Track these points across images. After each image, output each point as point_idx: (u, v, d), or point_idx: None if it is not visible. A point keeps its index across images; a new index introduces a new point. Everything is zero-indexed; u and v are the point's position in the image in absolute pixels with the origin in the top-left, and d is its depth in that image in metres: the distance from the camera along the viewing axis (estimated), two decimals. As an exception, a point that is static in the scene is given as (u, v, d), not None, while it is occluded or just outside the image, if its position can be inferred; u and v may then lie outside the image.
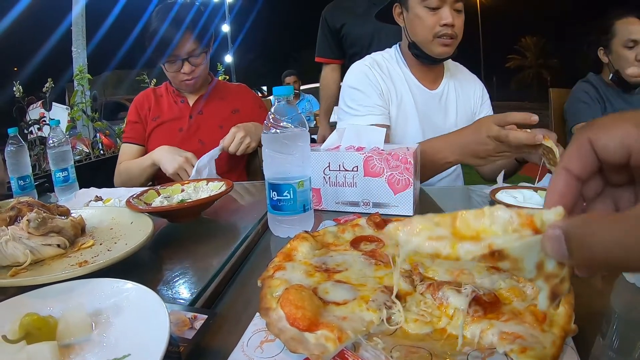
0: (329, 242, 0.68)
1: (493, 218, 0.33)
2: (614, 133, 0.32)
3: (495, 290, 0.50)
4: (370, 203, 0.93)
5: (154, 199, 0.96)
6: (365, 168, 0.92)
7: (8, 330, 0.45)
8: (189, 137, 1.62)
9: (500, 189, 0.91)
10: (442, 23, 1.24)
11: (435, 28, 1.25)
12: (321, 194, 0.97)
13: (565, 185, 0.35)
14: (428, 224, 0.35)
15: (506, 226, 0.33)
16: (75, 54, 3.84)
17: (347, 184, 0.94)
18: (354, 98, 1.37)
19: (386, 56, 1.46)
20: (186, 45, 1.51)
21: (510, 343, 0.40)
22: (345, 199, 0.96)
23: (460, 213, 0.35)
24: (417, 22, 1.29)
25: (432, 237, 0.34)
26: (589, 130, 0.34)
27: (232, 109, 1.68)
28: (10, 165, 1.24)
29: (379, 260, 0.59)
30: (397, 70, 1.42)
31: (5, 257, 0.68)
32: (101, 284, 0.55)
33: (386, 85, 1.38)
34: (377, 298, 0.48)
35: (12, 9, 3.76)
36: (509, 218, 0.33)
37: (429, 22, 1.26)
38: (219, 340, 0.50)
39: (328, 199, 0.97)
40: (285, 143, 0.76)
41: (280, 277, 0.53)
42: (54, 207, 0.83)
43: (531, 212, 0.32)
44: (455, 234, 0.34)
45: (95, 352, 0.44)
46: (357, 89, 1.37)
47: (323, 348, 0.40)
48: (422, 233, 0.35)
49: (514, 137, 0.89)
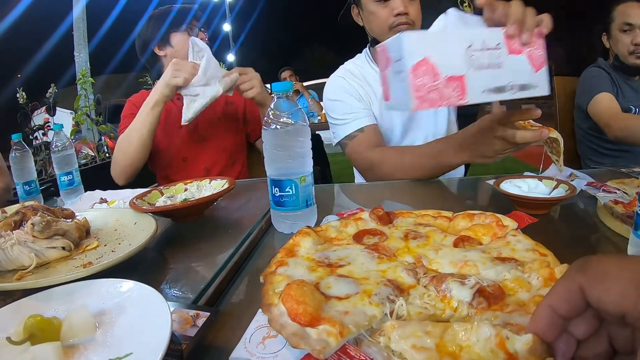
0: (331, 237, 0.67)
1: (479, 334, 0.37)
2: (611, 289, 0.30)
3: (499, 281, 0.50)
4: (516, 86, 0.78)
5: (157, 199, 0.97)
6: (508, 45, 0.77)
7: (12, 332, 0.45)
8: (189, 133, 1.63)
9: (504, 178, 0.91)
10: (395, 13, 1.25)
11: (389, 19, 1.27)
12: (465, 82, 0.75)
13: (548, 323, 0.33)
14: (418, 331, 0.39)
15: (486, 344, 0.36)
16: (78, 58, 3.85)
17: (493, 65, 0.77)
18: (336, 110, 1.40)
19: (357, 62, 1.49)
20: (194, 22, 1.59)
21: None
22: (492, 85, 0.77)
23: (452, 325, 0.39)
24: (371, 18, 1.31)
25: (416, 346, 0.38)
26: (582, 276, 0.31)
27: (225, 101, 1.69)
28: (16, 170, 1.25)
29: (381, 254, 0.58)
30: (369, 71, 1.44)
31: (10, 261, 0.68)
32: (104, 284, 0.55)
33: (363, 89, 1.41)
34: (380, 292, 0.47)
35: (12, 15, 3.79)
36: (489, 336, 0.36)
37: (382, 15, 1.27)
38: (221, 338, 0.50)
39: (474, 87, 0.75)
40: (285, 139, 0.76)
41: (282, 272, 0.53)
42: (58, 210, 0.84)
43: (508, 334, 0.36)
44: (438, 348, 0.38)
45: (98, 352, 0.44)
46: (337, 100, 1.40)
47: (325, 343, 0.39)
48: (409, 340, 0.39)
49: (521, 137, 0.88)
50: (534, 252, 0.56)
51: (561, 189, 0.84)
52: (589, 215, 0.83)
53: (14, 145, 1.25)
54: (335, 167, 3.57)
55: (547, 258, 0.54)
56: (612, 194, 0.84)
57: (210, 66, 1.30)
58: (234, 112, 1.69)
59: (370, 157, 1.28)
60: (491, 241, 0.62)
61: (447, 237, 0.64)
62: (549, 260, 0.53)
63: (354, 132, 1.33)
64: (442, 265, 0.55)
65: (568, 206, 0.88)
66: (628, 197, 0.81)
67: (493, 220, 0.67)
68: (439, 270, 0.55)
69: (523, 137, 0.88)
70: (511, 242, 0.59)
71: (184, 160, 1.64)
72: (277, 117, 0.76)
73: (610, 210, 0.75)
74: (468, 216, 0.70)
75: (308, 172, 0.79)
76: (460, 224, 0.70)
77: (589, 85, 1.84)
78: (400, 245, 0.62)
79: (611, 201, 0.77)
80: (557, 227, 0.80)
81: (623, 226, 0.71)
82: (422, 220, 0.72)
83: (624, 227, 0.70)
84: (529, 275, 0.50)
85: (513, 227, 0.65)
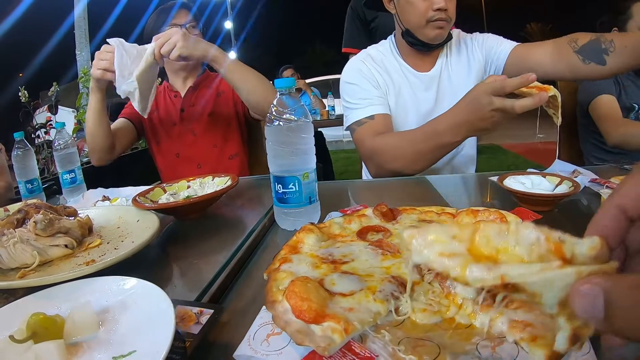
0: (335, 234, 0.67)
1: (518, 237, 0.30)
2: None
3: (504, 277, 0.49)
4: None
5: (160, 196, 0.97)
6: None
7: (15, 330, 0.45)
8: (182, 130, 1.66)
9: (507, 175, 0.90)
10: (435, 8, 1.22)
11: (427, 13, 1.24)
12: None
13: (613, 220, 0.30)
14: (443, 235, 0.32)
15: (531, 250, 0.30)
16: (79, 57, 3.85)
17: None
18: (351, 93, 1.37)
19: (381, 49, 1.45)
20: (184, 18, 1.61)
21: (520, 331, 0.39)
22: None
23: (482, 226, 0.32)
24: (408, 9, 1.28)
25: (444, 252, 0.31)
26: None
27: (217, 92, 1.70)
28: (18, 169, 1.25)
29: (385, 250, 0.58)
30: (392, 61, 1.41)
31: (13, 259, 0.68)
32: (107, 282, 0.55)
33: (382, 77, 1.38)
34: (384, 288, 0.47)
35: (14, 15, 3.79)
36: (536, 240, 0.30)
37: (421, 7, 1.24)
38: (225, 335, 0.49)
39: None
40: (288, 135, 0.75)
41: (286, 269, 0.53)
42: (61, 208, 0.83)
43: (563, 238, 0.29)
44: (471, 251, 0.31)
45: (102, 350, 0.44)
46: (353, 84, 1.37)
47: (329, 340, 0.39)
48: (434, 246, 0.32)
49: (521, 106, 0.87)
50: (538, 249, 0.55)
51: (565, 186, 0.84)
52: (593, 212, 0.82)
53: (16, 144, 1.25)
54: (338, 164, 3.56)
55: (551, 255, 0.53)
56: (615, 190, 0.83)
57: (122, 61, 1.24)
58: (226, 101, 1.70)
59: (372, 144, 1.25)
60: (495, 237, 0.62)
61: (451, 233, 0.64)
62: (554, 257, 0.52)
63: (364, 118, 1.31)
64: (446, 262, 0.55)
65: (572, 203, 0.87)
66: (632, 193, 0.81)
67: (497, 216, 0.67)
68: (443, 267, 0.54)
69: (523, 107, 0.87)
70: (515, 239, 0.59)
71: (177, 156, 1.67)
72: (280, 113, 0.76)
73: (613, 206, 0.75)
74: (472, 212, 0.70)
75: (311, 168, 0.79)
76: (464, 220, 0.69)
77: (590, 84, 1.82)
78: (404, 242, 0.62)
79: (614, 197, 0.77)
80: (561, 223, 0.80)
81: (627, 222, 0.70)
82: (425, 217, 0.72)
83: (627, 223, 0.70)
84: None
85: (517, 224, 0.64)
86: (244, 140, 1.77)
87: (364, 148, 1.30)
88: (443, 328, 0.44)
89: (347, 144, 7.77)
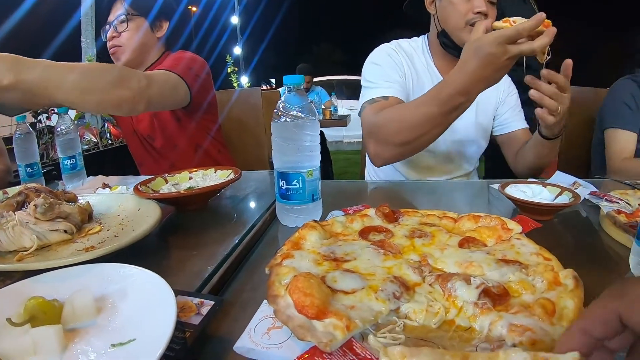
0: (337, 232, 0.67)
1: None
2: None
3: (504, 283, 0.50)
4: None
5: (161, 186, 0.96)
6: None
7: (13, 313, 0.45)
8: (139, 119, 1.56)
9: (509, 183, 0.90)
10: (476, 11, 1.21)
11: (467, 15, 1.23)
12: None
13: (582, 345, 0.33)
14: (437, 358, 0.34)
15: None
16: (85, 44, 3.82)
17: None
18: (375, 73, 1.34)
19: (413, 44, 1.44)
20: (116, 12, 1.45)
21: (520, 335, 0.40)
22: None
23: (472, 355, 0.34)
24: (449, 9, 1.27)
25: None
26: (618, 303, 0.32)
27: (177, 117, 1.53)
28: (19, 152, 1.24)
29: (387, 251, 0.58)
30: (421, 59, 1.40)
31: (11, 242, 0.68)
32: (107, 268, 0.54)
33: (409, 69, 1.36)
34: (386, 288, 0.47)
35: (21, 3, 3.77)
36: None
37: (462, 9, 1.23)
38: (225, 327, 0.49)
39: None
40: (294, 132, 0.75)
41: (288, 265, 0.53)
42: (61, 193, 0.83)
43: (547, 356, 0.32)
44: None
45: (101, 337, 0.43)
46: (378, 65, 1.35)
47: (331, 336, 0.39)
48: None
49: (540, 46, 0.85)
50: (537, 256, 0.56)
51: (565, 197, 0.84)
52: (592, 224, 0.83)
53: (18, 127, 1.24)
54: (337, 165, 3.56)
55: (551, 262, 0.54)
56: (614, 203, 0.84)
57: None
58: None
59: (375, 119, 1.20)
60: (496, 243, 0.63)
61: (452, 237, 0.64)
62: (553, 265, 0.53)
63: (378, 97, 1.26)
64: (447, 265, 0.55)
65: (571, 214, 0.88)
66: (631, 208, 0.82)
67: (498, 222, 0.67)
68: (444, 270, 0.54)
69: (542, 45, 0.86)
70: (516, 245, 0.59)
71: (140, 165, 1.65)
72: (286, 110, 0.76)
73: (613, 219, 0.75)
74: (473, 218, 0.70)
75: (315, 166, 0.79)
76: (465, 225, 0.69)
77: (618, 112, 1.67)
78: (405, 243, 0.62)
79: (614, 210, 0.77)
80: (560, 233, 0.80)
81: (625, 235, 0.71)
82: (427, 220, 0.72)
83: (625, 237, 0.71)
84: (533, 278, 0.50)
85: (518, 231, 0.65)
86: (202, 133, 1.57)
87: (366, 123, 1.25)
88: (443, 330, 0.44)
89: (348, 145, 7.79)
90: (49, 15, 4.20)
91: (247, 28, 13.67)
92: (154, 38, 1.51)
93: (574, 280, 0.48)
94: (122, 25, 1.44)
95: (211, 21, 11.29)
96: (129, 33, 1.45)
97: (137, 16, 1.45)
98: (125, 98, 1.01)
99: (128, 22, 1.44)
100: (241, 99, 1.92)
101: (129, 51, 1.46)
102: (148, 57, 1.52)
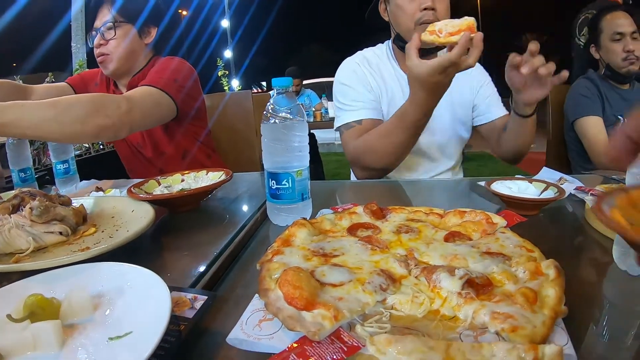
0: (326, 229, 0.69)
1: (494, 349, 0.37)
2: None
3: (488, 274, 0.52)
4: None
5: (154, 188, 0.97)
6: None
7: (12, 310, 0.46)
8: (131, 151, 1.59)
9: (495, 180, 0.92)
10: (422, 7, 1.21)
11: (415, 14, 1.23)
12: None
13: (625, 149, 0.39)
14: (422, 346, 0.37)
15: None
16: (75, 49, 3.82)
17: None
18: (345, 94, 1.37)
19: (377, 52, 1.45)
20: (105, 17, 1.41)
21: (502, 322, 0.41)
22: None
23: (455, 344, 0.38)
24: (398, 13, 1.28)
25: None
26: None
27: None
28: (11, 157, 1.24)
29: (375, 246, 0.60)
30: (387, 66, 1.42)
31: (8, 245, 0.69)
32: (103, 267, 0.56)
33: (376, 81, 1.38)
34: (373, 280, 0.49)
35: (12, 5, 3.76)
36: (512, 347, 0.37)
37: (409, 9, 1.24)
38: (218, 321, 0.51)
39: None
40: (284, 133, 0.77)
41: (278, 260, 0.55)
42: (55, 196, 0.84)
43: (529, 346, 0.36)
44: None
45: (99, 331, 0.45)
46: (347, 85, 1.37)
47: (320, 326, 0.41)
48: (413, 355, 0.37)
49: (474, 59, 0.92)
50: (521, 248, 0.58)
51: (550, 192, 0.86)
52: (577, 218, 0.85)
53: (11, 132, 1.24)
54: (329, 167, 3.58)
55: (533, 254, 0.56)
56: (600, 197, 0.86)
57: None
58: None
59: (354, 149, 1.26)
60: (480, 237, 0.64)
61: (438, 232, 0.66)
62: (536, 256, 0.55)
63: (353, 122, 1.31)
64: (432, 258, 0.57)
65: (556, 208, 0.90)
66: (616, 201, 0.83)
67: (483, 217, 0.69)
68: (429, 263, 0.56)
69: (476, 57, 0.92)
70: (500, 239, 0.61)
71: (130, 171, 1.66)
72: (275, 111, 0.77)
73: (597, 211, 0.77)
74: (459, 213, 0.72)
75: (304, 166, 0.80)
76: (451, 220, 0.72)
77: (578, 103, 1.88)
78: (392, 238, 0.64)
79: (599, 203, 0.79)
80: (545, 227, 0.82)
81: (608, 228, 0.73)
82: (414, 216, 0.74)
83: (609, 229, 0.72)
84: (516, 269, 0.52)
85: (502, 225, 0.67)
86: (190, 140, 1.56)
87: (348, 151, 1.31)
88: (428, 319, 0.46)
89: (339, 147, 7.77)
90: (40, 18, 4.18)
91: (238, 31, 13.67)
92: (142, 44, 1.49)
93: (555, 270, 0.50)
94: (109, 33, 1.41)
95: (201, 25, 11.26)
96: (116, 41, 1.41)
97: (125, 23, 1.42)
98: (104, 126, 1.02)
99: (115, 30, 1.41)
100: (232, 102, 1.93)
101: (117, 59, 1.43)
102: (136, 64, 1.50)
